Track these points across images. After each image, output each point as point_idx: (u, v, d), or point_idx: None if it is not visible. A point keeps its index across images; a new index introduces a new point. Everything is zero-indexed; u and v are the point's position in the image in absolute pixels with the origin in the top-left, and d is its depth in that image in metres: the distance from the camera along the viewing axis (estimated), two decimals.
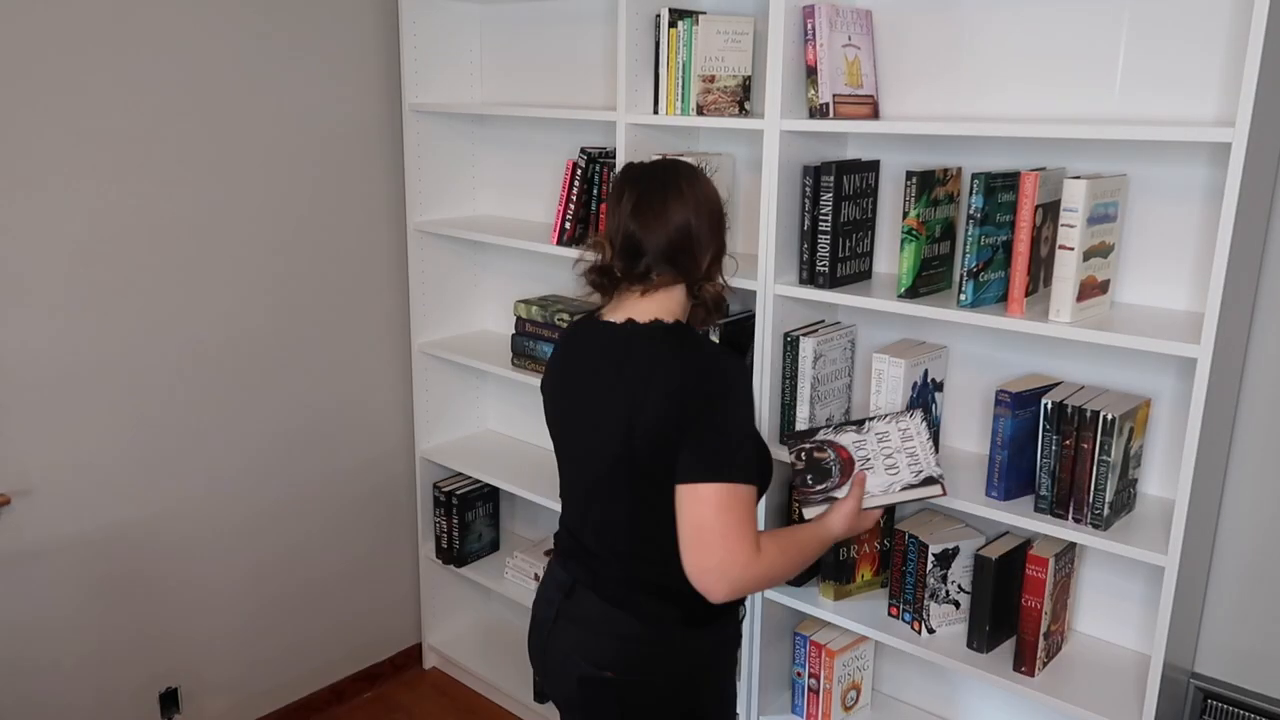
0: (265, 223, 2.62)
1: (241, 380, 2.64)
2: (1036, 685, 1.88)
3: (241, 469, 2.68)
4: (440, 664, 3.22)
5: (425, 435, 3.02)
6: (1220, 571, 1.93)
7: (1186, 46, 1.75)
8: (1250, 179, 1.55)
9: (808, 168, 2.01)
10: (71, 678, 2.44)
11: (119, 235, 2.35)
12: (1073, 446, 1.77)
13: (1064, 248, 1.71)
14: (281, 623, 2.86)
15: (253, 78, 2.52)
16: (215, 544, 2.66)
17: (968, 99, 2.01)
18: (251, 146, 2.55)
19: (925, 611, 2.02)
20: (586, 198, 2.44)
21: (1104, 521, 1.76)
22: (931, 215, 1.92)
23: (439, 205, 2.92)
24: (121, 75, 2.30)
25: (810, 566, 2.19)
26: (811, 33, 1.96)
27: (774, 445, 2.15)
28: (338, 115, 2.72)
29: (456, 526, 2.96)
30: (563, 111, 2.47)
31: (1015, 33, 1.93)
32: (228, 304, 2.58)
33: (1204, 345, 1.58)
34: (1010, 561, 1.93)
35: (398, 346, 2.98)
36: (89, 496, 2.40)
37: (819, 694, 2.23)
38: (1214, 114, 1.74)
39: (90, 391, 2.36)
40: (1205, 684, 1.95)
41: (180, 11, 2.36)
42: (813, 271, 2.04)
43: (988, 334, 2.06)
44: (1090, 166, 1.87)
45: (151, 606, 2.56)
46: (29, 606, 2.34)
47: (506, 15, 2.83)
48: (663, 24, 2.19)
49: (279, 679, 2.89)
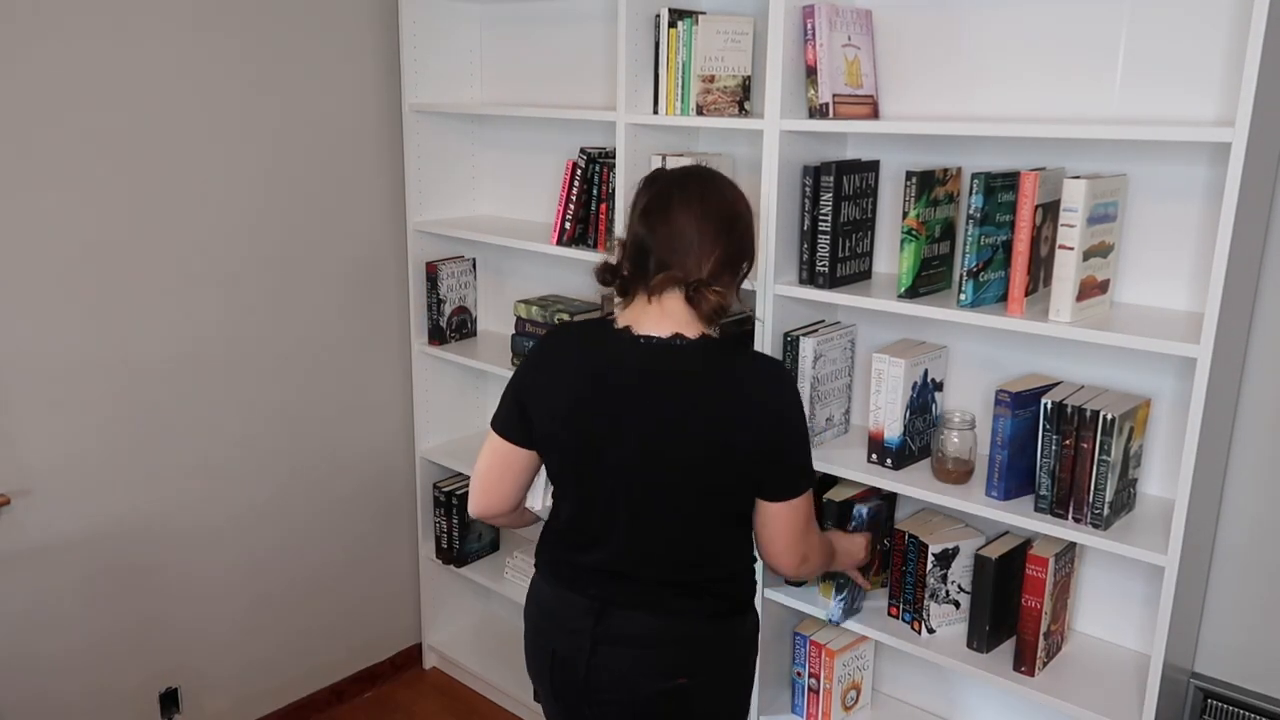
0: (265, 222, 2.62)
1: (241, 381, 2.64)
2: (1036, 685, 1.88)
3: (242, 469, 2.68)
4: (440, 664, 3.22)
5: (425, 435, 3.02)
6: (1220, 571, 1.93)
7: (1186, 46, 1.75)
8: (1250, 179, 1.55)
9: (808, 168, 2.01)
10: (71, 677, 2.44)
11: (118, 234, 2.35)
12: (1073, 446, 1.77)
13: (1064, 247, 1.71)
14: (281, 622, 2.86)
15: (253, 78, 2.52)
16: (215, 544, 2.66)
17: (967, 99, 2.01)
18: (251, 146, 2.55)
19: (925, 611, 2.02)
20: (586, 198, 2.44)
21: (1104, 521, 1.76)
22: (931, 215, 1.92)
23: (438, 205, 2.92)
24: (121, 75, 2.29)
25: None
26: (811, 33, 1.96)
27: None
28: (338, 115, 2.72)
29: (456, 526, 2.96)
30: (563, 111, 2.47)
31: (1015, 32, 1.93)
32: (227, 304, 2.58)
33: (1204, 345, 1.58)
34: (1010, 561, 1.93)
35: (397, 346, 2.98)
36: (89, 496, 2.40)
37: (819, 694, 2.23)
38: (1214, 114, 1.74)
39: (90, 391, 2.36)
40: (1205, 684, 1.95)
41: (180, 12, 2.36)
42: (813, 271, 2.04)
43: (988, 334, 2.06)
44: (1090, 166, 1.87)
45: (152, 606, 2.56)
46: (29, 606, 2.34)
47: (506, 15, 2.83)
48: (663, 24, 2.19)
49: (279, 679, 2.89)
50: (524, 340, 2.65)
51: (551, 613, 1.70)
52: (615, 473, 1.58)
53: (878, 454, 2.04)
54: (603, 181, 2.39)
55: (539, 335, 2.59)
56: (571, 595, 1.66)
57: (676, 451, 1.54)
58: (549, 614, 1.70)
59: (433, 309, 2.89)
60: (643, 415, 1.55)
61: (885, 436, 2.02)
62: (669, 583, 1.62)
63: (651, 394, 1.55)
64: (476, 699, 3.08)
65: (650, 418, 1.55)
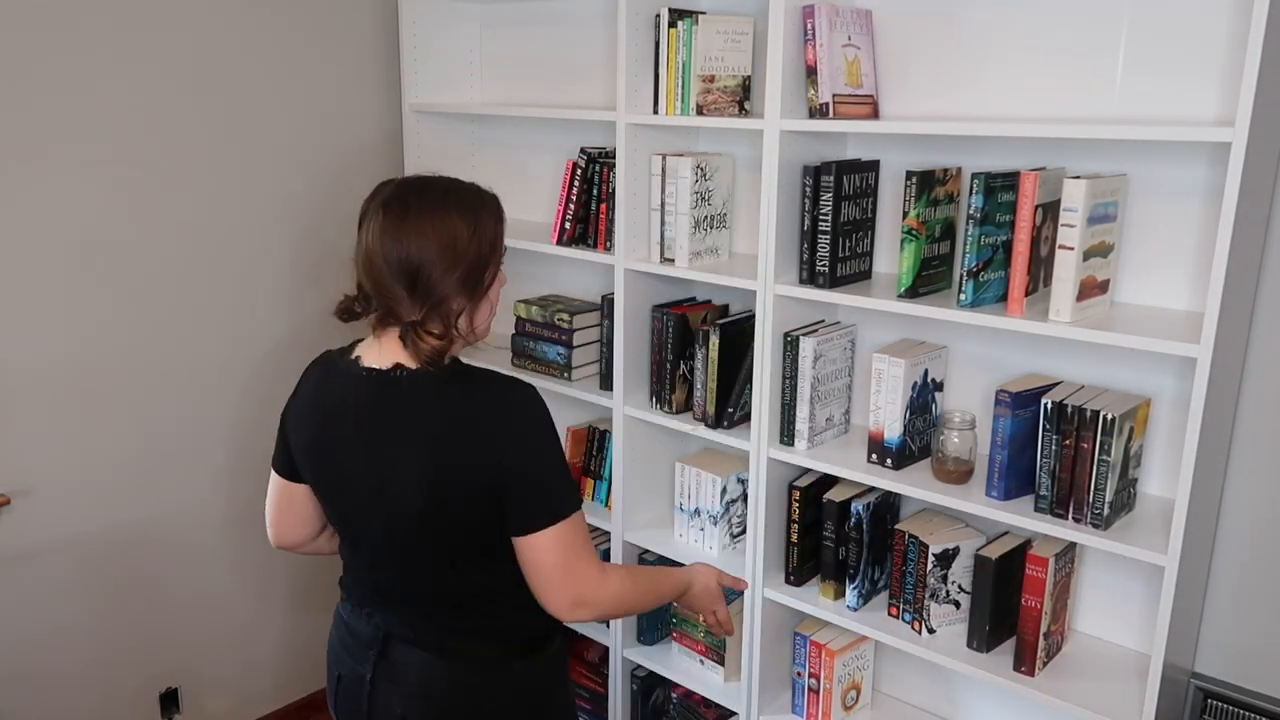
0: (265, 223, 2.62)
1: (241, 380, 2.64)
2: (1036, 685, 1.88)
3: (242, 467, 2.68)
4: None
5: None
6: (1220, 571, 1.93)
7: (1186, 46, 1.75)
8: (1250, 179, 1.55)
9: (808, 168, 2.01)
10: (72, 678, 2.44)
11: (119, 235, 2.35)
12: (1073, 446, 1.77)
13: (1064, 247, 1.70)
14: (281, 622, 2.85)
15: (253, 79, 2.53)
16: (216, 543, 2.66)
17: (967, 99, 2.01)
18: (251, 147, 2.55)
19: (925, 611, 2.02)
20: (586, 198, 2.44)
21: (1104, 521, 1.76)
22: (931, 215, 1.92)
23: None
24: (121, 75, 2.30)
25: (809, 565, 2.20)
26: (811, 32, 1.96)
27: (775, 447, 2.15)
28: (338, 115, 2.72)
29: None
30: (563, 111, 2.47)
31: (1015, 32, 1.93)
32: (227, 304, 2.58)
33: (1204, 345, 1.58)
34: (1010, 561, 1.93)
35: None
36: (89, 496, 2.40)
37: (819, 694, 2.23)
38: (1214, 114, 1.74)
39: (90, 391, 2.36)
40: (1205, 684, 1.95)
41: (180, 12, 2.37)
42: (813, 271, 2.04)
43: (988, 334, 2.06)
44: (1090, 166, 1.87)
45: (152, 606, 2.56)
46: (29, 606, 2.34)
47: (506, 15, 2.83)
48: (663, 24, 2.18)
49: (279, 679, 2.89)
50: (524, 340, 2.65)
51: (343, 634, 1.62)
52: (356, 511, 1.51)
53: (878, 454, 2.04)
54: (603, 181, 2.39)
55: (539, 335, 2.60)
56: (356, 620, 1.59)
57: (399, 492, 1.43)
58: (341, 634, 1.63)
59: None
60: (367, 454, 1.45)
61: (885, 436, 2.02)
62: (454, 626, 1.52)
63: (374, 431, 1.44)
64: None
65: (373, 456, 1.44)
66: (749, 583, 2.18)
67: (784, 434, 2.15)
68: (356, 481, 1.48)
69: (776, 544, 2.22)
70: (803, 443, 2.13)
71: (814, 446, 2.15)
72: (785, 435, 2.14)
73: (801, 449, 2.13)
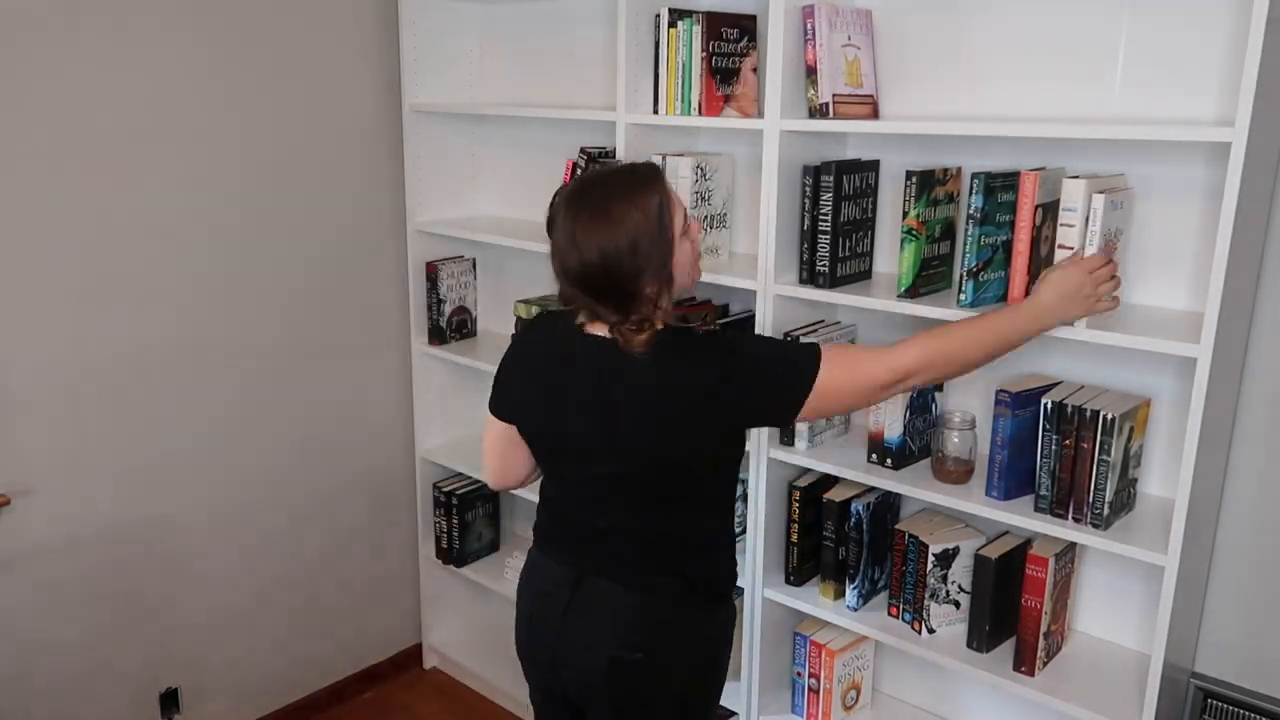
0: (265, 222, 2.62)
1: (241, 380, 2.63)
2: (1036, 685, 1.88)
3: (241, 468, 2.68)
4: (440, 664, 3.22)
5: (425, 435, 3.02)
6: (1220, 571, 1.93)
7: (1186, 46, 1.75)
8: (1250, 179, 1.55)
9: (808, 168, 2.01)
10: (71, 677, 2.44)
11: (118, 237, 2.35)
12: (1073, 446, 1.77)
13: (1064, 247, 1.71)
14: (282, 622, 2.86)
15: (252, 79, 2.52)
16: (216, 543, 2.66)
17: (967, 98, 2.01)
18: (251, 148, 2.55)
19: (925, 611, 2.02)
20: None
21: (1104, 521, 1.76)
22: (931, 215, 1.92)
23: (438, 205, 2.92)
24: (121, 75, 2.29)
25: (809, 565, 2.20)
26: (811, 32, 1.96)
27: (775, 447, 2.15)
28: (338, 115, 2.72)
29: (456, 526, 2.96)
30: (563, 111, 2.47)
31: (1015, 32, 1.93)
32: (227, 305, 2.58)
33: (1204, 345, 1.58)
34: (1010, 561, 1.93)
35: (397, 346, 2.98)
36: (89, 496, 2.40)
37: (819, 694, 2.23)
38: (1214, 114, 1.73)
39: (90, 391, 2.36)
40: (1205, 684, 1.95)
41: (180, 12, 2.36)
42: (813, 271, 2.04)
43: None
44: (1090, 166, 1.87)
45: (152, 606, 2.56)
46: (29, 606, 2.34)
47: (506, 15, 2.83)
48: (662, 24, 2.19)
49: (279, 679, 2.89)
50: None
51: (534, 578, 1.76)
52: (574, 456, 1.65)
53: (878, 454, 2.04)
54: None
55: None
56: (547, 562, 1.73)
57: (622, 443, 1.57)
58: (532, 579, 1.76)
59: (433, 309, 2.89)
60: (592, 406, 1.58)
61: (885, 436, 2.02)
62: (652, 563, 1.64)
63: (599, 388, 1.58)
64: (476, 699, 3.08)
65: (597, 408, 1.58)
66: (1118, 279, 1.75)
67: (784, 434, 2.15)
68: (579, 430, 1.61)
69: (776, 544, 2.22)
70: (803, 442, 2.13)
71: (814, 446, 2.15)
72: (785, 435, 2.15)
73: (801, 449, 2.13)
